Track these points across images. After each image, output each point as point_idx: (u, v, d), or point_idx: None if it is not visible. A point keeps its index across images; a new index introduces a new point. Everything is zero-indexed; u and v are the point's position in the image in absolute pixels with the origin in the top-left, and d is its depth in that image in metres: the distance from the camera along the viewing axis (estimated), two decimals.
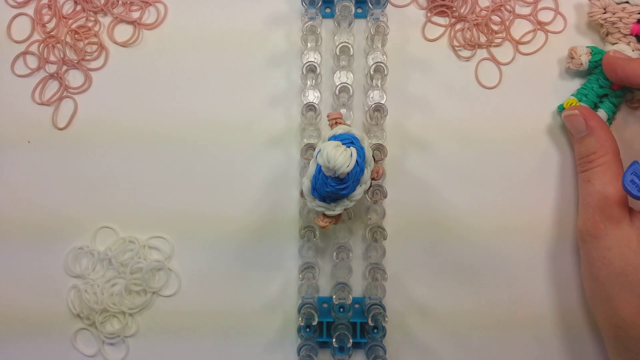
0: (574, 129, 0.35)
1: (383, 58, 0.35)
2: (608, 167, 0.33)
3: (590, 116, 0.34)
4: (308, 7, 0.36)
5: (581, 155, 0.34)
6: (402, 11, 0.38)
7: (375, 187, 0.34)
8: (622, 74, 0.34)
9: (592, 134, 0.33)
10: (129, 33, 0.38)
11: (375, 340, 0.34)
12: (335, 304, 0.34)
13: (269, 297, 0.36)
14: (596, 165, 0.33)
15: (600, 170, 0.33)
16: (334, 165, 0.27)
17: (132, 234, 0.36)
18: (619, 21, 0.36)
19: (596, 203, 0.32)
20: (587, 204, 0.33)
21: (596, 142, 0.33)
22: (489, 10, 0.38)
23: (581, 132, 0.34)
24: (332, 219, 0.31)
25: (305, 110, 0.35)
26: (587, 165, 0.34)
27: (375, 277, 0.34)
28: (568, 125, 0.35)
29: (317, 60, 0.35)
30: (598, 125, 0.34)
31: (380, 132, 0.35)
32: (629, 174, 0.29)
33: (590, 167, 0.33)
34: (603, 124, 0.34)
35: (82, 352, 0.36)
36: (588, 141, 0.34)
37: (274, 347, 0.36)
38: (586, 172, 0.34)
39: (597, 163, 0.33)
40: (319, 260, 0.36)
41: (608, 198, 0.32)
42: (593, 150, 0.33)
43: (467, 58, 0.38)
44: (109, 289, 0.36)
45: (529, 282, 0.36)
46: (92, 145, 0.37)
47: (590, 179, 0.33)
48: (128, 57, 0.38)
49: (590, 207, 0.32)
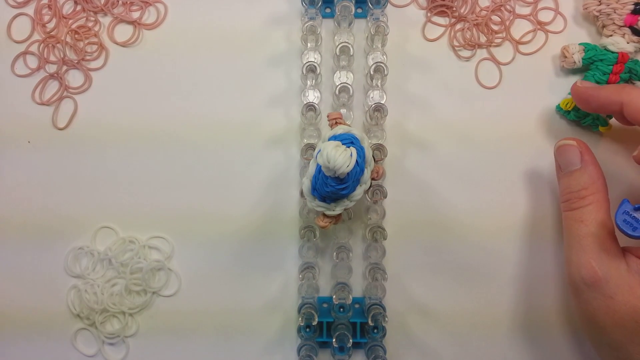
0: (566, 161, 0.32)
1: (383, 58, 0.35)
2: (600, 206, 0.30)
3: (587, 150, 0.32)
4: (308, 7, 0.36)
5: (570, 190, 0.31)
6: (402, 11, 0.38)
7: (375, 187, 0.34)
8: (595, 104, 0.32)
9: (585, 168, 0.31)
10: (129, 33, 0.38)
11: (375, 340, 0.34)
12: (335, 304, 0.34)
13: (269, 297, 0.36)
14: (588, 202, 0.30)
15: (594, 209, 0.30)
16: (334, 165, 0.27)
17: (132, 234, 0.36)
18: (613, 12, 0.36)
19: (592, 246, 0.29)
20: (580, 248, 0.30)
21: (589, 178, 0.31)
22: (489, 10, 0.38)
23: (573, 165, 0.31)
24: (332, 219, 0.31)
25: (305, 110, 0.35)
26: (578, 202, 0.31)
27: (375, 277, 0.34)
28: (559, 156, 0.33)
29: (317, 60, 0.35)
30: (592, 160, 0.31)
31: (380, 132, 0.35)
32: (620, 213, 0.28)
33: (581, 205, 0.30)
34: (596, 159, 0.32)
35: (82, 352, 0.36)
36: (579, 175, 0.31)
37: (274, 347, 0.36)
38: (576, 210, 0.31)
39: (589, 200, 0.30)
40: (319, 260, 0.36)
41: (604, 241, 0.29)
42: (584, 186, 0.31)
43: (467, 58, 0.38)
44: (109, 289, 0.36)
45: (529, 281, 0.36)
46: (92, 145, 0.37)
47: (582, 218, 0.30)
48: (128, 57, 0.38)
49: (586, 251, 0.29)
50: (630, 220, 0.28)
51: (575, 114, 0.36)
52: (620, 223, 0.28)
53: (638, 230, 0.27)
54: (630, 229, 0.27)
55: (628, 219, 0.28)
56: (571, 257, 0.30)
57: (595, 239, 0.29)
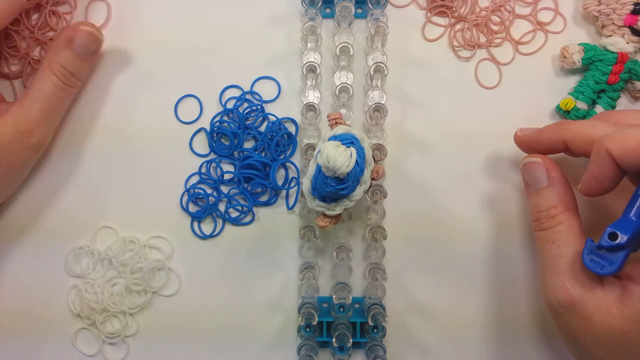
0: (533, 179, 0.31)
1: (383, 58, 0.35)
2: (571, 225, 0.30)
3: (553, 167, 0.31)
4: (308, 8, 0.36)
5: (538, 209, 0.31)
6: (402, 11, 0.39)
7: (375, 187, 0.34)
8: (540, 148, 0.32)
9: (553, 185, 0.30)
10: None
11: (375, 340, 0.34)
12: (335, 303, 0.34)
13: (269, 297, 0.36)
14: (559, 222, 0.30)
15: (564, 229, 0.29)
16: (333, 165, 0.27)
17: (132, 234, 0.36)
18: (613, 12, 0.36)
19: (566, 268, 0.29)
20: (554, 270, 0.29)
21: (557, 195, 0.30)
22: (489, 11, 0.38)
23: (540, 183, 0.31)
24: (332, 219, 0.32)
25: (305, 111, 0.35)
26: (548, 222, 0.30)
27: (375, 276, 0.34)
28: (526, 174, 0.32)
29: (317, 61, 0.35)
30: (560, 176, 0.31)
31: (380, 132, 0.35)
32: (586, 253, 0.27)
33: (552, 225, 0.30)
34: (564, 176, 0.31)
35: (83, 352, 0.36)
36: (548, 194, 0.30)
37: (274, 346, 0.36)
38: (547, 230, 0.30)
39: (560, 219, 0.30)
40: (319, 260, 0.36)
41: (577, 261, 0.29)
42: (553, 204, 0.30)
43: (467, 58, 0.38)
44: (110, 289, 0.36)
45: (529, 281, 0.36)
46: (92, 145, 0.37)
47: (554, 239, 0.29)
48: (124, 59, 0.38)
49: (560, 273, 0.29)
50: (596, 260, 0.27)
51: (575, 114, 0.36)
52: (588, 264, 0.27)
53: (606, 268, 0.27)
54: (598, 268, 0.27)
55: (595, 259, 0.27)
56: (546, 279, 0.30)
57: (568, 260, 0.29)
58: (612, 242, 0.26)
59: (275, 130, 0.37)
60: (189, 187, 0.37)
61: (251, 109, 0.37)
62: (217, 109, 0.37)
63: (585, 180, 0.28)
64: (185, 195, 0.37)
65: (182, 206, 0.37)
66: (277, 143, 0.36)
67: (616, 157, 0.26)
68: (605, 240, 0.27)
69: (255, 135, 0.37)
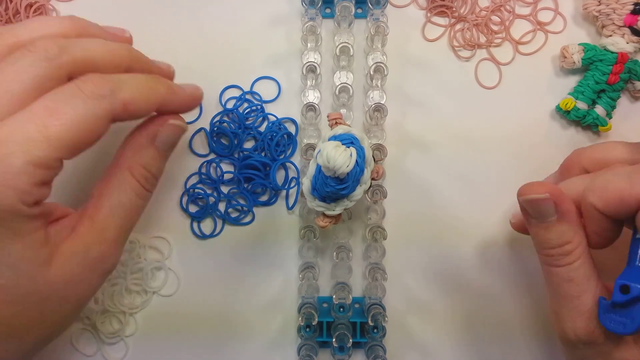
0: (538, 213, 0.27)
1: (383, 58, 0.35)
2: (586, 259, 0.27)
3: (563, 198, 0.27)
4: (308, 8, 0.36)
5: (550, 245, 0.27)
6: (402, 11, 0.39)
7: (375, 187, 0.34)
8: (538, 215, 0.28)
9: (565, 219, 0.27)
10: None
11: (375, 340, 0.34)
12: (335, 303, 0.34)
13: (269, 297, 0.36)
14: (575, 258, 0.27)
15: (581, 264, 0.27)
16: (333, 165, 0.27)
17: (132, 234, 0.36)
18: (613, 12, 0.36)
19: (587, 306, 0.26)
20: (574, 309, 0.26)
21: (569, 229, 0.27)
22: (489, 11, 0.38)
23: (548, 217, 0.27)
24: (332, 219, 0.32)
25: (305, 111, 0.35)
26: (564, 259, 0.27)
27: (375, 276, 0.34)
28: (528, 207, 0.28)
29: (317, 61, 0.35)
30: (572, 209, 0.27)
31: (380, 132, 0.35)
32: (602, 314, 0.25)
33: (569, 262, 0.27)
34: (575, 207, 0.27)
35: (82, 352, 0.36)
36: (560, 229, 0.27)
37: (274, 346, 0.36)
38: (563, 267, 0.27)
39: (576, 256, 0.27)
40: (319, 260, 0.36)
41: (596, 296, 0.26)
42: (568, 240, 0.27)
43: (467, 58, 0.38)
44: (109, 289, 0.36)
45: (530, 281, 0.36)
46: None
47: (571, 277, 0.27)
48: None
49: (581, 312, 0.26)
50: (615, 318, 0.25)
51: (575, 114, 0.36)
52: (608, 325, 0.25)
53: (628, 326, 0.25)
54: (620, 327, 0.25)
55: (613, 317, 0.25)
56: (563, 315, 0.27)
57: (588, 297, 0.26)
58: (626, 296, 0.24)
59: (275, 130, 0.37)
60: (188, 187, 0.37)
61: (251, 109, 0.37)
62: (217, 109, 0.37)
63: (589, 237, 0.27)
64: (185, 195, 0.37)
65: (181, 206, 0.37)
66: (277, 143, 0.36)
67: (602, 210, 0.25)
68: (618, 294, 0.25)
69: (255, 135, 0.37)
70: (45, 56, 0.24)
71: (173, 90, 0.27)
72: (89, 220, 0.27)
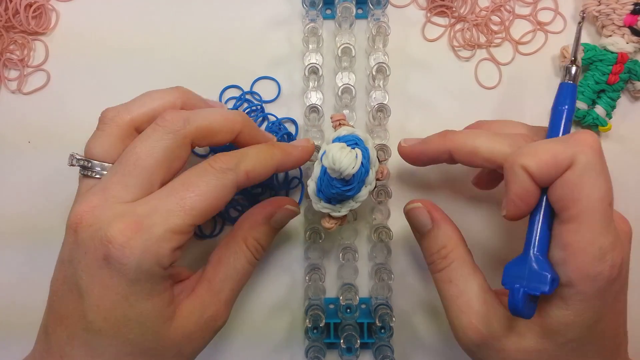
0: (418, 224, 0.31)
1: (385, 58, 0.35)
2: (463, 260, 0.29)
3: (434, 208, 0.31)
4: (309, 9, 0.36)
5: (431, 251, 0.30)
6: (402, 11, 0.39)
7: (380, 188, 0.34)
8: (425, 159, 0.32)
9: (438, 226, 0.30)
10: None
11: (383, 340, 0.34)
12: (342, 304, 0.34)
13: (275, 299, 0.36)
14: (451, 260, 0.29)
15: (458, 266, 0.29)
16: (339, 167, 0.27)
17: None
18: (613, 12, 0.36)
19: (467, 305, 0.28)
20: (458, 309, 0.28)
21: (444, 235, 0.30)
22: (489, 11, 0.38)
23: (426, 226, 0.31)
24: (337, 220, 0.31)
25: (308, 112, 0.35)
26: (442, 263, 0.30)
27: (382, 277, 0.34)
28: (411, 220, 0.32)
29: (319, 62, 0.35)
30: (442, 216, 0.31)
31: (384, 133, 0.35)
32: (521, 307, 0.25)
33: (446, 264, 0.30)
34: (445, 215, 0.31)
35: None
36: (435, 235, 0.30)
37: (281, 348, 0.36)
38: (443, 271, 0.30)
39: (452, 258, 0.29)
40: (325, 262, 0.36)
41: (476, 295, 0.28)
42: (443, 244, 0.30)
43: (467, 58, 0.38)
44: None
45: None
46: None
47: (450, 278, 0.29)
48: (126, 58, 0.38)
49: (463, 311, 0.28)
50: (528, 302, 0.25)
51: (575, 114, 0.36)
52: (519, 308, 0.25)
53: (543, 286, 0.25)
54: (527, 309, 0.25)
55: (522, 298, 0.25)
56: (453, 320, 0.29)
57: (467, 296, 0.28)
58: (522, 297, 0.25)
59: (275, 130, 0.37)
60: None
61: (251, 109, 0.37)
62: None
63: (510, 204, 0.27)
64: None
65: None
66: None
67: (533, 173, 0.25)
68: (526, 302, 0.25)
69: None
70: (172, 129, 0.27)
71: (287, 152, 0.31)
72: (207, 282, 0.29)
